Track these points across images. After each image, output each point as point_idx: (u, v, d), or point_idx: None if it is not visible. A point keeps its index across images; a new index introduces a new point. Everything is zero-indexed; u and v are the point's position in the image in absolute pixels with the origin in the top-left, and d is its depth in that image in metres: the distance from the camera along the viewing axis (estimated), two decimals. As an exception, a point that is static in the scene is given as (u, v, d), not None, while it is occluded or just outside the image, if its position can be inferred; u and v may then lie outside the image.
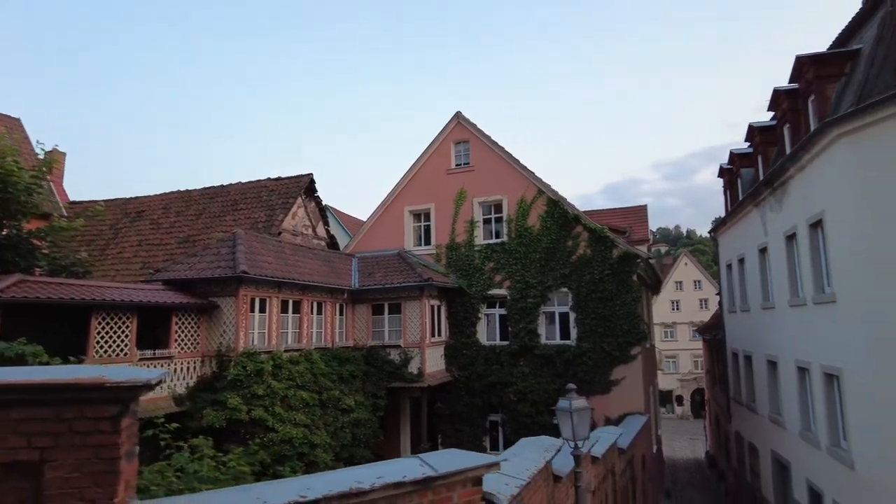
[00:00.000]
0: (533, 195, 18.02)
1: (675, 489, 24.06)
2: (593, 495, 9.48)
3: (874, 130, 10.05)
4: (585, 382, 16.50)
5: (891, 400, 9.83)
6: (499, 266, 18.13)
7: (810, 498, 13.87)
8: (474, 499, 4.57)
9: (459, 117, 19.59)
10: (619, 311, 16.32)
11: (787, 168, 13.41)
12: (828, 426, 12.49)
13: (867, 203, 10.27)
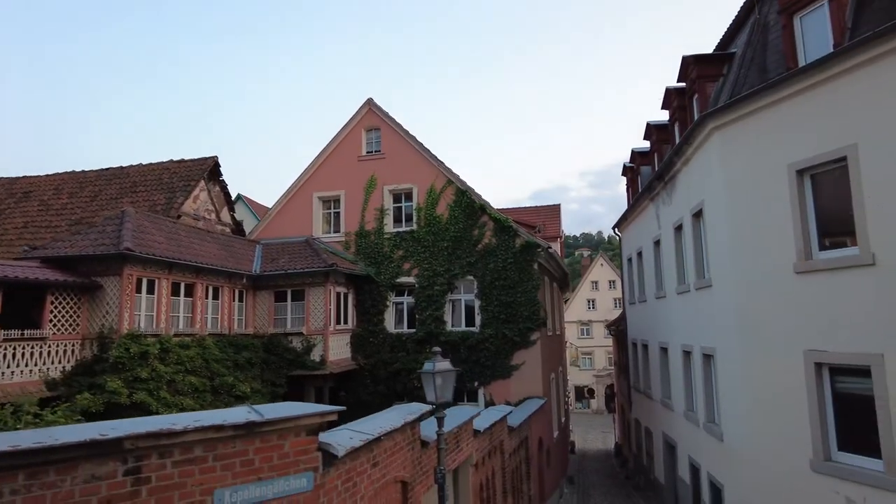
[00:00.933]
0: (442, 184, 18.17)
1: (579, 476, 24.92)
2: (476, 469, 9.63)
3: (740, 125, 10.80)
4: (488, 367, 16.80)
5: (750, 376, 10.57)
6: (408, 254, 18.15)
7: (691, 473, 14.73)
8: (308, 448, 4.51)
9: (371, 104, 19.47)
10: (520, 298, 16.73)
11: (675, 162, 14.19)
12: (705, 405, 13.31)
13: (733, 192, 11.02)
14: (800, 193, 9.66)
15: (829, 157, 9.12)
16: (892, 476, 8.09)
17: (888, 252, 8.22)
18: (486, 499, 10.20)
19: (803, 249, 9.52)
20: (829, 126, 9.11)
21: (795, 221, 9.64)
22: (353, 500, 5.01)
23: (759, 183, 10.33)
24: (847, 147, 8.81)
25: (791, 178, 9.73)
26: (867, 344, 8.45)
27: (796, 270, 9.56)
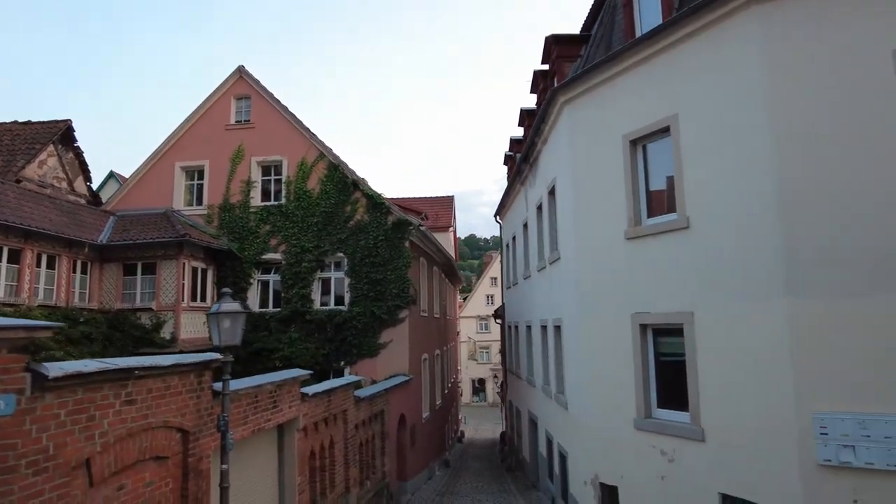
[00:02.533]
0: (314, 158, 17.56)
1: (459, 461, 25.12)
2: (305, 434, 9.20)
3: (585, 99, 11.13)
4: (355, 346, 16.41)
5: (587, 343, 10.91)
6: (275, 229, 17.37)
7: (547, 446, 15.10)
8: (12, 367, 3.91)
9: (242, 71, 18.48)
10: (390, 275, 16.49)
11: (536, 142, 14.49)
12: (556, 377, 13.66)
13: (577, 165, 11.34)
14: (633, 163, 10.06)
15: (655, 126, 9.53)
16: (696, 426, 8.55)
17: (700, 216, 8.69)
18: (320, 467, 9.80)
19: (633, 217, 9.91)
20: (655, 98, 9.53)
21: (628, 190, 10.02)
22: (86, 436, 4.44)
23: (600, 154, 10.65)
24: (670, 117, 9.25)
25: (625, 148, 10.10)
26: (681, 303, 8.90)
27: (627, 237, 9.94)
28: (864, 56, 7.31)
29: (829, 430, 7.04)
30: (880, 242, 7.01)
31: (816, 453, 7.09)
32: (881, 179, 7.07)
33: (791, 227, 7.48)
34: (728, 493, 8.13)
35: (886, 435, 6.75)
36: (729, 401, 8.11)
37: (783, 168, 7.60)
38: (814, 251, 7.33)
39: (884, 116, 7.14)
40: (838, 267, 7.18)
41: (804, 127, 7.54)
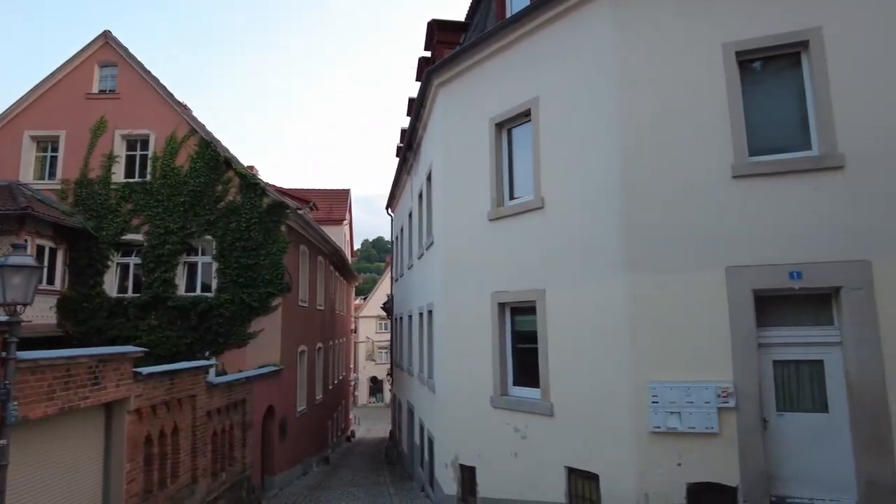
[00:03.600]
0: (185, 133, 16.40)
1: (342, 459, 24.49)
2: (140, 418, 8.42)
3: (457, 82, 11.15)
4: (221, 335, 15.46)
5: (452, 324, 10.88)
6: (138, 208, 16.03)
7: (420, 434, 14.98)
8: None
9: (108, 37, 16.93)
10: (263, 260, 15.70)
11: (417, 128, 14.40)
12: (427, 362, 13.58)
13: (449, 148, 11.34)
14: (498, 146, 10.17)
15: (518, 110, 9.70)
16: (546, 401, 8.72)
17: (554, 197, 8.90)
18: (160, 455, 9.03)
19: (497, 198, 10.00)
20: (519, 82, 9.68)
21: (492, 172, 10.11)
22: None
23: (469, 138, 10.69)
24: (531, 101, 9.43)
25: (491, 132, 10.20)
26: (535, 281, 9.06)
27: (490, 218, 10.01)
28: (698, 47, 7.78)
29: (659, 398, 7.38)
30: (704, 222, 7.47)
31: (648, 421, 7.41)
32: (708, 165, 7.54)
33: (630, 208, 7.81)
34: (573, 466, 8.34)
35: (706, 400, 7.17)
36: (575, 375, 8.33)
37: (625, 152, 7.93)
38: (649, 230, 7.68)
39: (711, 106, 7.63)
40: (670, 245, 7.57)
41: (645, 113, 7.91)
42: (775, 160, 7.39)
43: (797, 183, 7.24)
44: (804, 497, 7.06)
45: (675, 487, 7.26)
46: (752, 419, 7.08)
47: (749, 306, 7.20)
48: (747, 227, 7.31)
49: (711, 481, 7.16)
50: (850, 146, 7.07)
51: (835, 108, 7.19)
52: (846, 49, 7.22)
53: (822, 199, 7.11)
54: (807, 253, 7.06)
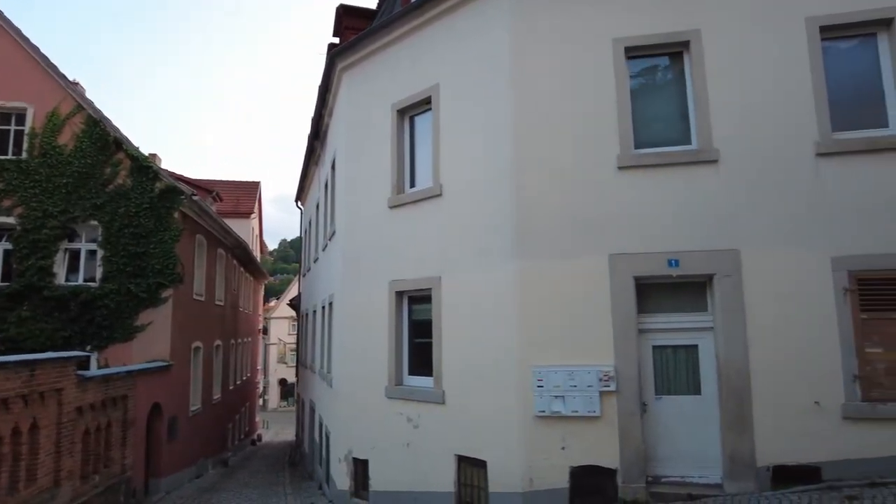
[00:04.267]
0: (70, 109, 15.06)
1: (243, 461, 23.40)
2: None
3: (361, 67, 10.91)
4: (105, 328, 14.28)
5: (350, 314, 10.63)
6: (10, 188, 14.52)
7: (319, 430, 14.53)
8: None
9: (-22, -3, 15.33)
10: (154, 249, 14.67)
11: (324, 115, 13.99)
12: (327, 355, 13.20)
13: (351, 134, 11.08)
14: (399, 132, 10.02)
15: (420, 97, 9.59)
16: (438, 389, 8.63)
17: (452, 184, 8.85)
18: (12, 455, 8.14)
19: (397, 186, 9.84)
20: (421, 68, 9.59)
21: (394, 160, 9.94)
22: None
23: (372, 124, 10.47)
24: (432, 87, 9.35)
25: (393, 118, 10.04)
26: (431, 269, 8.96)
27: (390, 205, 9.84)
28: (590, 41, 7.99)
29: (544, 382, 7.47)
30: (591, 211, 7.66)
31: (533, 406, 7.47)
32: (596, 155, 7.75)
33: (521, 195, 7.89)
34: (462, 454, 8.28)
35: (589, 384, 7.33)
36: (466, 362, 8.29)
37: (517, 140, 8.02)
38: (539, 217, 7.80)
39: (600, 98, 7.85)
40: (558, 232, 7.71)
41: (537, 103, 8.03)
42: (658, 153, 7.70)
43: (677, 175, 7.57)
44: (677, 475, 7.36)
45: (558, 471, 7.36)
46: (631, 402, 7.30)
47: (630, 292, 7.44)
48: (630, 217, 7.57)
49: (593, 464, 7.32)
50: (724, 142, 7.48)
51: (711, 105, 7.59)
52: (722, 52, 7.65)
53: (699, 191, 7.48)
54: (684, 242, 7.40)
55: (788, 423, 6.92)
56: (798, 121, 7.39)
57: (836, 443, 6.81)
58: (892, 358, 6.83)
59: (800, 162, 7.32)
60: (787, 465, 6.89)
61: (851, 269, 7.01)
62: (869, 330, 6.91)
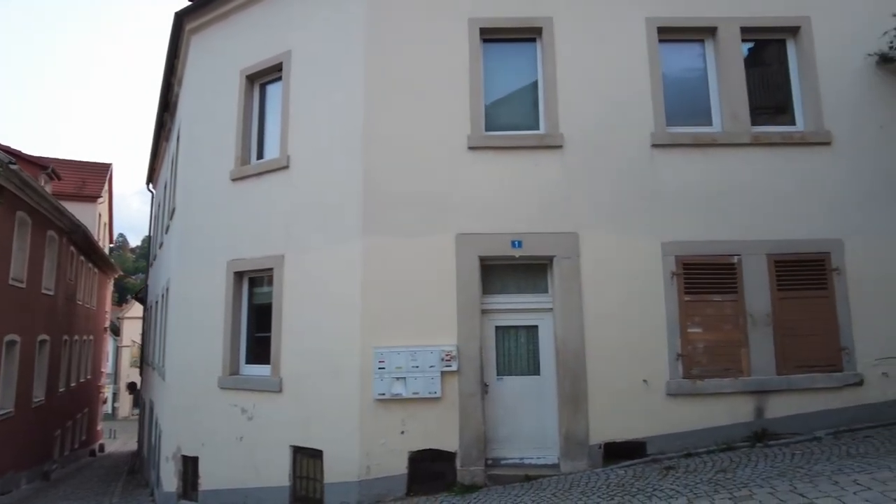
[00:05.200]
0: None
1: (72, 473, 20.77)
2: None
3: (211, 30, 10.01)
4: None
5: (182, 297, 9.66)
6: None
7: (155, 430, 13.13)
8: None
9: None
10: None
11: (173, 84, 12.72)
12: (161, 347, 11.96)
13: (196, 102, 10.14)
14: (248, 100, 9.28)
15: (271, 62, 8.94)
16: (275, 377, 7.99)
17: (300, 156, 8.31)
18: None
19: (242, 157, 9.08)
20: (273, 33, 8.94)
21: (239, 128, 9.17)
22: None
23: (219, 91, 9.59)
24: (283, 54, 8.74)
25: (242, 84, 9.27)
26: (274, 247, 8.32)
27: (232, 178, 9.04)
28: (446, 19, 7.87)
29: (386, 363, 7.13)
30: (440, 189, 7.49)
31: (373, 388, 7.11)
32: (447, 134, 7.60)
33: (370, 170, 7.56)
34: (299, 445, 7.72)
35: (431, 364, 7.10)
36: (307, 347, 7.76)
37: (368, 115, 7.71)
38: (387, 194, 7.50)
39: (454, 77, 7.72)
40: (406, 209, 7.45)
41: (391, 78, 7.77)
42: (507, 136, 7.71)
43: (524, 159, 7.62)
44: (516, 457, 7.35)
45: (397, 457, 7.05)
46: (473, 383, 7.17)
47: (475, 273, 7.34)
48: (478, 198, 7.49)
49: (433, 448, 7.10)
50: (570, 129, 7.64)
51: (560, 93, 7.73)
52: (572, 42, 7.84)
53: (544, 175, 7.56)
54: (528, 224, 7.43)
55: (619, 401, 7.15)
56: (637, 113, 7.74)
57: (660, 418, 7.14)
58: (710, 337, 7.30)
59: (637, 152, 7.66)
60: (617, 442, 7.10)
61: (678, 254, 7.42)
62: (691, 311, 7.34)
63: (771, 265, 7.41)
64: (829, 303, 7.40)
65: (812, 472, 5.50)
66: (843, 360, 7.28)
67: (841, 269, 7.44)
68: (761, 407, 7.18)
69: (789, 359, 7.25)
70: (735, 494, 5.06)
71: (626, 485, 6.18)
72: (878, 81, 7.96)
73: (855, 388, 7.22)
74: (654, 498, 5.56)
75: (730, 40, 7.95)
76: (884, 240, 7.52)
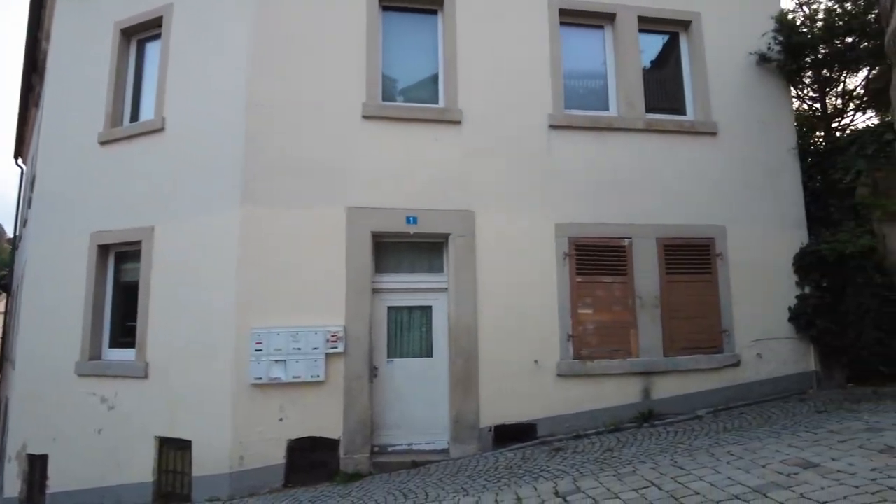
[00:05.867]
0: None
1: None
2: None
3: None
4: None
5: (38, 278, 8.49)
6: None
7: (4, 429, 11.60)
8: None
9: None
10: None
11: (40, 40, 11.34)
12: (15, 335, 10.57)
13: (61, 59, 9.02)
14: (122, 56, 8.35)
15: (149, 16, 8.10)
16: (141, 361, 7.17)
17: (176, 117, 7.56)
18: None
19: (112, 117, 8.13)
20: (152, -19, 8.09)
21: (111, 87, 8.22)
22: None
23: (90, 46, 8.55)
24: (164, 7, 7.93)
25: (116, 39, 8.32)
26: (145, 217, 7.48)
27: (101, 141, 8.07)
28: (343, -22, 7.39)
29: (264, 345, 6.56)
30: (330, 158, 7.03)
31: (249, 372, 6.51)
32: (340, 101, 7.15)
33: (253, 134, 6.99)
34: (165, 436, 6.95)
35: (315, 346, 6.60)
36: (176, 327, 7.02)
37: (254, 73, 7.11)
38: (272, 160, 6.94)
39: (350, 43, 7.30)
40: (292, 177, 6.92)
41: (282, 37, 7.24)
42: (405, 107, 7.39)
43: (422, 132, 7.31)
44: (404, 443, 7.00)
45: (274, 446, 6.50)
46: (360, 365, 6.75)
47: (367, 249, 6.93)
48: (372, 170, 7.10)
49: (314, 435, 6.60)
50: (469, 105, 7.42)
51: (460, 68, 7.51)
52: (474, 17, 7.64)
53: (441, 151, 7.29)
54: (424, 200, 7.13)
55: (511, 383, 6.99)
56: (536, 93, 7.66)
57: (551, 400, 7.05)
58: (600, 319, 7.31)
59: (535, 132, 7.56)
60: (507, 425, 6.94)
61: (571, 235, 7.38)
62: (583, 292, 7.32)
63: (660, 249, 7.55)
64: (713, 287, 7.64)
65: (692, 447, 5.58)
66: (724, 342, 7.54)
67: (724, 255, 7.71)
68: (648, 388, 7.28)
69: (675, 341, 7.41)
70: (620, 472, 4.99)
71: (514, 467, 6.00)
72: (759, 79, 8.37)
73: (733, 369, 7.49)
74: (540, 479, 5.40)
75: (627, 28, 8.06)
76: (761, 228, 7.89)
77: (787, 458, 4.36)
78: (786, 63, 8.26)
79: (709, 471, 4.42)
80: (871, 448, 4.31)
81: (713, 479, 4.19)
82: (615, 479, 4.74)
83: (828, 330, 7.52)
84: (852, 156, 7.68)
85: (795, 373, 7.63)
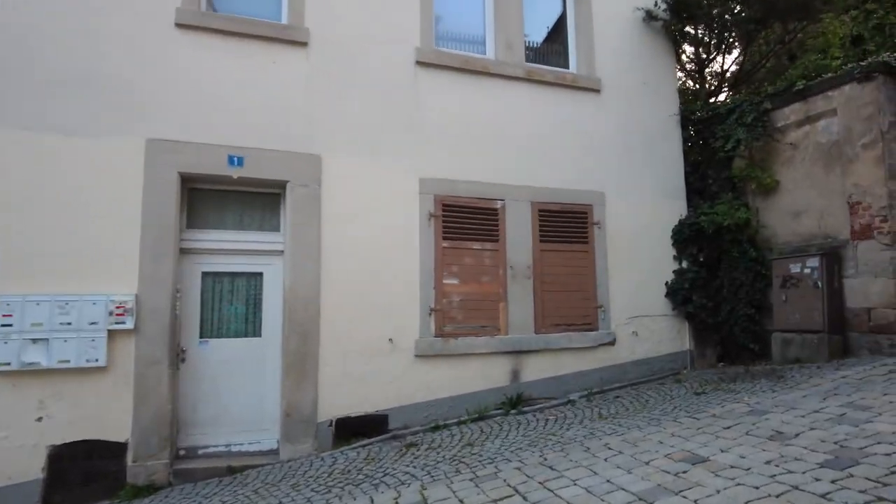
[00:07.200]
0: None
1: None
2: None
3: None
4: None
5: None
6: None
7: None
8: None
9: None
10: None
11: None
12: None
13: None
14: None
15: None
16: None
17: None
18: None
19: None
20: None
21: None
22: None
23: None
24: None
25: None
26: None
27: None
28: None
29: (15, 318, 4.77)
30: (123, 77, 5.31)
31: (-8, 356, 4.70)
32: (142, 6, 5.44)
33: (12, 36, 5.06)
34: None
35: (92, 320, 4.92)
36: None
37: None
38: (38, 71, 5.10)
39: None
40: (65, 95, 5.13)
41: None
42: (234, 18, 5.82)
43: (256, 52, 5.80)
44: (220, 444, 5.54)
45: (28, 455, 4.75)
46: (159, 347, 5.16)
47: (173, 195, 5.31)
48: (186, 92, 5.50)
49: (91, 438, 4.94)
50: (319, 25, 6.01)
51: (310, -20, 6.04)
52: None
53: (281, 78, 5.83)
54: (255, 137, 5.64)
55: (359, 366, 5.77)
56: (403, 24, 6.42)
57: (407, 385, 5.93)
58: (466, 290, 6.28)
59: (399, 69, 6.34)
60: (353, 417, 5.72)
61: (438, 193, 6.27)
62: (449, 260, 6.24)
63: (535, 213, 6.67)
64: (589, 258, 6.91)
65: (564, 440, 4.73)
66: (599, 319, 6.85)
67: (602, 224, 7.00)
68: (517, 369, 6.39)
69: (548, 316, 6.58)
70: (478, 473, 3.97)
71: (353, 471, 4.81)
72: (645, 38, 7.76)
73: (608, 348, 6.82)
74: (381, 486, 4.26)
75: (509, -37, 7.04)
76: (640, 196, 7.29)
77: (671, 452, 3.57)
78: (671, 22, 7.71)
79: (584, 471, 3.51)
80: (760, 435, 3.64)
81: (589, 484, 3.27)
82: (472, 486, 3.71)
83: (703, 306, 7.09)
84: (732, 124, 7.28)
85: (671, 352, 7.13)
